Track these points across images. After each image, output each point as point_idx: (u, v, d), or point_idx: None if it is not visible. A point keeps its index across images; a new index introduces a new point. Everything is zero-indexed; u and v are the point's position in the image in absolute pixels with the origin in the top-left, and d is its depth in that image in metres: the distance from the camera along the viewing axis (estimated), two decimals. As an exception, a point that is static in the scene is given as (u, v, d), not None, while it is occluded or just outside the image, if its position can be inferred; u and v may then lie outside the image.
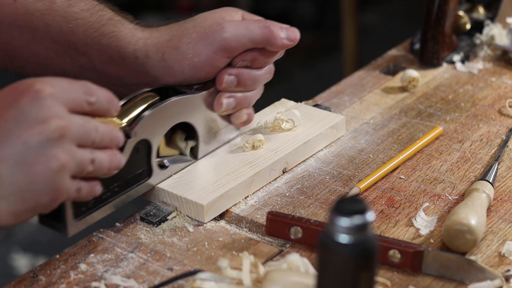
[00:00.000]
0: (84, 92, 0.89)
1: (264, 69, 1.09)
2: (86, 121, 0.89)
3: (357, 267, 0.73)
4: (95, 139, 0.90)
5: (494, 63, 1.38)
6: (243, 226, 1.02)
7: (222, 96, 1.07)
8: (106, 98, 0.92)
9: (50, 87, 0.86)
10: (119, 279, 0.93)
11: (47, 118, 0.85)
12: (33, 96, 0.85)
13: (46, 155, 0.85)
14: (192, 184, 1.04)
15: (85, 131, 0.88)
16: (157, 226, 1.01)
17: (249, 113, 1.11)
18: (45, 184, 0.86)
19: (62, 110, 0.87)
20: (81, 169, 0.89)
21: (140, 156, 1.01)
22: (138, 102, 1.01)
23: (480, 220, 0.96)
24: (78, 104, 0.89)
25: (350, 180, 1.09)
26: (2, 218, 0.86)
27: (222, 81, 1.06)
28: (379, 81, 1.33)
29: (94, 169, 0.90)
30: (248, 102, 1.10)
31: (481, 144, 1.17)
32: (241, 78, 1.07)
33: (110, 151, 0.92)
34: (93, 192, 0.92)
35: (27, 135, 0.84)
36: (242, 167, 1.07)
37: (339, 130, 1.18)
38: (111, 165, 0.92)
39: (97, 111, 0.91)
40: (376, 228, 1.01)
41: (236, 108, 1.09)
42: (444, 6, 1.33)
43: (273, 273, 0.87)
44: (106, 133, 0.91)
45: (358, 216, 0.71)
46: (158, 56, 1.05)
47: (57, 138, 0.85)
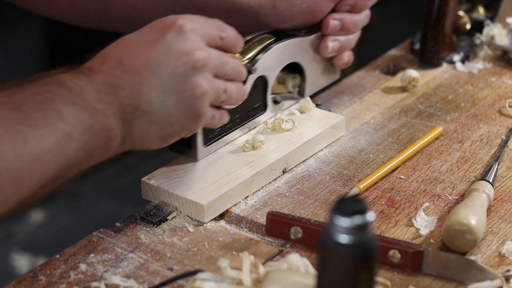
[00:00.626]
0: (218, 28, 0.99)
1: (363, 13, 1.20)
2: (221, 54, 0.99)
3: (357, 267, 0.73)
4: (227, 71, 0.99)
5: (494, 63, 1.38)
6: (243, 226, 1.02)
7: (328, 40, 1.18)
8: (234, 34, 1.01)
9: (191, 22, 0.96)
10: (119, 279, 0.93)
11: (191, 50, 0.95)
12: (177, 30, 0.95)
13: (191, 83, 0.95)
14: (192, 184, 1.04)
15: (221, 63, 0.98)
16: (157, 226, 1.01)
17: (350, 55, 1.22)
18: (190, 108, 0.95)
19: (202, 43, 0.96)
20: (217, 97, 0.99)
21: (258, 91, 1.12)
22: (256, 42, 1.12)
23: (480, 220, 0.96)
24: (213, 39, 0.98)
25: (350, 180, 1.09)
26: (153, 141, 0.96)
27: (328, 26, 1.17)
28: (379, 81, 1.33)
29: (226, 98, 1.00)
30: (350, 44, 1.20)
31: (481, 144, 1.17)
32: (344, 22, 1.17)
33: (237, 83, 1.02)
34: (223, 119, 1.02)
35: (174, 65, 0.94)
36: (242, 167, 1.07)
37: (339, 130, 1.18)
38: (238, 96, 1.02)
39: (226, 46, 1.00)
40: (376, 228, 1.01)
41: (340, 51, 1.20)
42: (444, 6, 1.33)
43: (273, 273, 0.87)
44: (235, 67, 1.01)
45: (358, 216, 0.71)
46: (270, 4, 1.14)
47: (199, 68, 0.95)
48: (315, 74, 1.21)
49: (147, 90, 0.93)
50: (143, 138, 0.95)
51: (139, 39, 0.96)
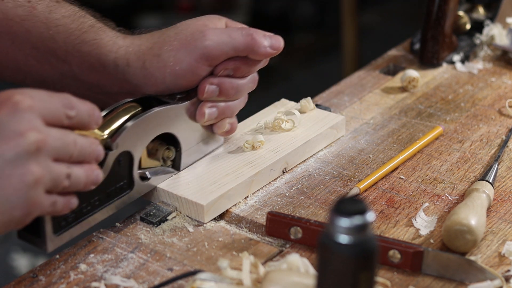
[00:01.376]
0: (64, 105, 0.88)
1: (248, 78, 1.07)
2: (64, 134, 0.87)
3: (357, 267, 0.73)
4: (73, 153, 0.88)
5: (494, 63, 1.38)
6: (243, 226, 1.02)
7: (204, 106, 1.06)
8: (87, 111, 0.90)
9: (29, 99, 0.85)
10: (119, 279, 0.93)
11: (24, 131, 0.83)
12: (11, 108, 0.84)
13: (22, 169, 0.83)
14: (192, 184, 1.04)
15: (62, 145, 0.87)
16: (157, 226, 1.01)
17: (232, 122, 1.09)
18: (19, 198, 0.84)
19: (40, 123, 0.85)
20: (57, 184, 0.87)
21: (121, 168, 0.99)
22: (120, 113, 0.99)
23: (480, 220, 0.96)
24: (57, 118, 0.87)
25: (350, 180, 1.09)
26: None
27: (204, 91, 1.05)
28: (379, 81, 1.33)
29: (70, 184, 0.89)
30: (231, 111, 1.08)
31: (481, 144, 1.17)
32: (223, 87, 1.05)
33: (87, 165, 0.90)
34: (69, 205, 0.90)
35: (4, 148, 0.83)
36: (242, 167, 1.07)
37: (339, 130, 1.18)
38: (87, 180, 0.90)
39: (77, 125, 0.89)
40: (376, 228, 1.01)
41: (219, 118, 1.08)
42: (444, 6, 1.33)
43: (273, 273, 0.87)
44: (85, 147, 0.89)
45: (358, 216, 0.71)
46: (139, 64, 1.03)
47: (33, 152, 0.84)
48: (193, 143, 1.08)
49: None
50: None
51: None
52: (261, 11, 3.59)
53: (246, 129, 1.15)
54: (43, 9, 1.05)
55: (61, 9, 1.06)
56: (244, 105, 1.10)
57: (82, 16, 1.06)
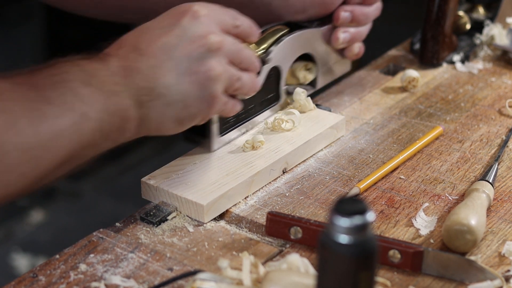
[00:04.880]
0: (232, 16, 1.01)
1: (374, 5, 1.22)
2: (236, 41, 1.00)
3: (357, 267, 0.73)
4: (243, 60, 1.01)
5: (494, 63, 1.38)
6: (243, 226, 1.02)
7: (338, 31, 1.20)
8: (249, 24, 1.03)
9: (206, 9, 0.98)
10: (119, 279, 0.93)
11: (206, 34, 0.97)
12: (192, 15, 0.97)
13: (206, 65, 0.96)
14: (192, 184, 1.04)
15: (236, 49, 1.00)
16: (157, 226, 1.01)
17: (361, 46, 1.23)
18: (205, 91, 0.96)
19: (217, 28, 0.98)
20: (231, 84, 0.99)
21: (271, 81, 1.14)
22: (270, 33, 1.13)
23: (480, 220, 0.96)
24: (228, 26, 1.00)
25: (350, 180, 1.09)
26: (169, 125, 0.97)
27: (339, 17, 1.19)
28: (379, 81, 1.33)
29: (240, 87, 1.01)
30: (360, 36, 1.22)
31: (481, 144, 1.17)
32: (355, 14, 1.19)
33: (251, 73, 1.03)
34: (235, 107, 1.03)
35: (190, 48, 0.96)
36: (242, 167, 1.07)
37: (339, 130, 1.18)
38: (252, 86, 1.03)
39: (241, 35, 1.02)
40: (376, 228, 1.01)
41: (351, 42, 1.22)
42: (444, 6, 1.33)
43: (273, 273, 0.87)
44: (250, 57, 1.02)
45: (358, 216, 0.71)
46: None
47: (214, 51, 0.96)
48: (327, 65, 1.23)
49: (163, 73, 0.94)
50: (159, 121, 0.96)
51: (155, 25, 0.98)
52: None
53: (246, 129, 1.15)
54: None
55: None
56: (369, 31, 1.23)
57: None
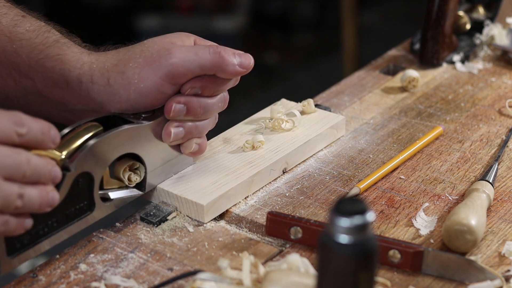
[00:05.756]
0: (14, 122, 0.85)
1: (217, 97, 1.04)
2: (15, 152, 0.85)
3: (357, 267, 0.73)
4: (26, 173, 0.85)
5: (494, 63, 1.38)
6: (243, 226, 1.02)
7: (170, 125, 1.03)
8: (40, 128, 0.87)
9: None
10: (119, 279, 0.93)
11: None
12: None
13: None
14: (192, 184, 1.04)
15: (13, 163, 0.84)
16: (157, 226, 1.01)
17: (200, 143, 1.06)
18: None
19: None
20: (8, 204, 0.85)
21: (81, 189, 0.96)
22: (80, 133, 0.96)
23: (480, 220, 0.96)
24: (6, 135, 0.84)
25: (350, 180, 1.09)
26: None
27: (170, 110, 1.02)
28: (379, 81, 1.33)
29: (23, 205, 0.86)
30: (199, 131, 1.05)
31: (481, 144, 1.17)
32: (190, 106, 1.02)
33: (42, 186, 0.88)
34: (23, 226, 0.88)
35: None
36: (242, 167, 1.07)
37: (339, 130, 1.18)
38: (42, 202, 0.88)
39: (29, 143, 0.87)
40: (376, 228, 1.01)
41: (186, 138, 1.05)
42: (444, 6, 1.33)
43: (273, 273, 0.87)
44: (40, 167, 0.87)
45: (358, 216, 0.71)
46: (104, 81, 1.01)
47: None
48: (159, 163, 1.04)
49: None
50: None
51: None
52: (261, 11, 3.59)
53: (246, 129, 1.15)
54: (7, 22, 1.03)
55: (26, 23, 1.04)
56: (214, 126, 1.07)
57: (47, 31, 1.04)
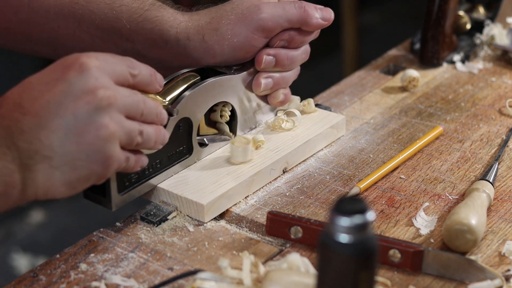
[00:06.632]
0: (128, 65, 0.93)
1: (301, 49, 1.13)
2: (133, 93, 0.93)
3: (357, 267, 0.73)
4: (143, 111, 0.93)
5: (494, 63, 1.38)
6: (243, 226, 1.02)
7: (260, 76, 1.12)
8: (149, 72, 0.95)
9: (95, 60, 0.90)
10: (119, 279, 0.93)
11: (94, 89, 0.88)
12: (79, 68, 0.89)
13: (95, 124, 0.88)
14: (192, 184, 1.04)
15: (132, 102, 0.92)
16: (157, 226, 1.01)
17: (286, 93, 1.15)
18: (96, 152, 0.89)
19: (109, 81, 0.90)
20: (131, 140, 0.92)
21: (181, 133, 1.05)
22: (180, 82, 1.05)
23: (480, 220, 0.96)
24: (123, 76, 0.92)
25: (350, 180, 1.09)
26: (58, 189, 0.89)
27: (261, 61, 1.11)
28: (379, 81, 1.33)
29: (143, 141, 0.94)
30: (285, 82, 1.14)
31: (481, 144, 1.17)
32: (279, 58, 1.11)
33: (156, 126, 0.96)
34: (140, 162, 0.96)
35: (76, 106, 0.88)
36: (242, 167, 1.07)
37: (339, 130, 1.18)
38: (157, 139, 0.96)
39: (140, 84, 0.94)
40: (376, 228, 1.01)
41: (274, 88, 1.13)
42: (444, 6, 1.33)
43: (273, 272, 0.87)
44: (153, 108, 0.95)
45: (358, 215, 0.71)
46: (199, 37, 1.09)
47: (105, 107, 0.88)
48: (248, 112, 1.13)
49: (47, 133, 0.87)
50: (46, 185, 0.88)
51: (40, 80, 0.89)
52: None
53: (246, 129, 1.15)
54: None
55: None
56: (297, 77, 1.16)
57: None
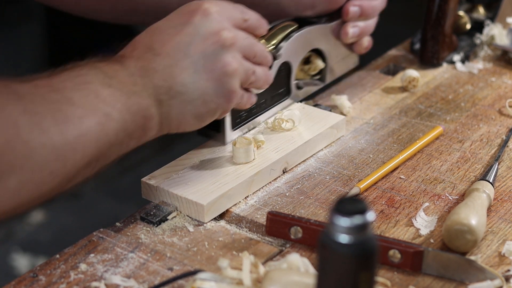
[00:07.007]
0: (241, 11, 1.02)
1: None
2: (248, 35, 1.02)
3: (357, 267, 0.73)
4: (256, 53, 1.02)
5: (494, 63, 1.38)
6: (243, 226, 1.02)
7: (348, 26, 1.22)
8: (257, 17, 1.04)
9: (216, 6, 0.99)
10: (119, 279, 0.93)
11: (219, 30, 0.98)
12: (203, 13, 0.98)
13: (221, 61, 0.98)
14: (192, 184, 1.04)
15: (248, 44, 1.01)
16: (157, 226, 1.01)
17: (369, 40, 1.26)
18: (222, 86, 0.98)
19: (229, 24, 1.00)
20: (247, 77, 1.01)
21: (282, 76, 1.16)
22: (280, 29, 1.15)
23: (480, 220, 0.96)
24: (238, 21, 1.01)
25: (350, 180, 1.09)
26: (189, 122, 0.99)
27: (348, 12, 1.21)
28: (379, 81, 1.33)
29: (255, 80, 1.03)
30: (369, 29, 1.25)
31: (481, 144, 1.17)
32: (363, 8, 1.22)
33: (264, 67, 1.05)
34: (251, 100, 1.05)
35: (204, 45, 0.97)
36: (242, 167, 1.07)
37: (339, 130, 1.18)
38: (266, 79, 1.05)
39: (250, 28, 1.03)
40: (376, 228, 1.01)
41: (360, 37, 1.24)
42: (444, 6, 1.33)
43: (273, 272, 0.87)
44: (262, 50, 1.04)
45: (358, 216, 0.71)
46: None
47: (228, 47, 0.98)
48: (336, 60, 1.25)
49: (179, 71, 0.96)
50: (179, 118, 0.98)
51: (167, 25, 0.99)
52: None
53: (246, 129, 1.15)
54: None
55: None
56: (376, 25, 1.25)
57: None
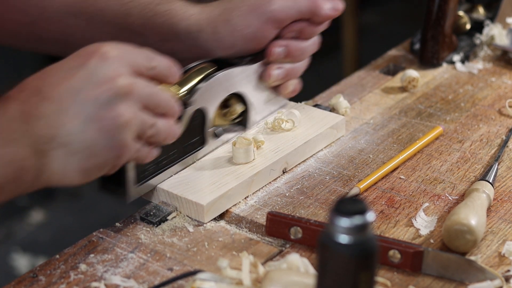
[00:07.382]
0: (146, 57, 0.94)
1: (311, 40, 1.14)
2: (150, 84, 0.93)
3: (357, 267, 0.73)
4: (159, 104, 0.94)
5: (494, 63, 1.38)
6: (243, 226, 1.02)
7: (271, 68, 1.13)
8: (166, 64, 0.96)
9: (116, 49, 0.91)
10: (119, 279, 0.93)
11: (115, 76, 0.89)
12: (100, 57, 0.90)
13: (114, 111, 0.89)
14: (192, 184, 1.04)
15: (149, 93, 0.92)
16: (157, 226, 1.01)
17: (296, 83, 1.17)
18: (112, 139, 0.90)
19: (128, 70, 0.91)
20: (143, 131, 0.93)
21: (196, 124, 1.06)
22: (195, 73, 1.07)
23: (480, 220, 0.96)
24: (141, 67, 0.93)
25: (350, 180, 1.09)
26: (72, 176, 0.90)
27: (272, 53, 1.12)
28: (379, 81, 1.33)
29: (154, 134, 0.94)
30: (296, 73, 1.16)
31: (481, 144, 1.17)
32: (290, 49, 1.12)
33: (168, 120, 0.96)
34: (151, 154, 0.96)
35: (96, 92, 0.89)
36: (242, 167, 1.07)
37: (339, 130, 1.18)
38: (168, 134, 0.96)
39: (158, 76, 0.95)
40: (376, 228, 1.01)
41: (285, 79, 1.15)
42: (444, 6, 1.33)
43: (273, 272, 0.87)
44: (167, 100, 0.95)
45: (358, 216, 0.71)
46: (211, 29, 1.10)
47: (123, 95, 0.89)
48: (259, 103, 1.15)
49: (66, 119, 0.88)
50: (61, 172, 0.89)
51: (61, 67, 0.91)
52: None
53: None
54: None
55: None
56: (306, 68, 1.17)
57: None
